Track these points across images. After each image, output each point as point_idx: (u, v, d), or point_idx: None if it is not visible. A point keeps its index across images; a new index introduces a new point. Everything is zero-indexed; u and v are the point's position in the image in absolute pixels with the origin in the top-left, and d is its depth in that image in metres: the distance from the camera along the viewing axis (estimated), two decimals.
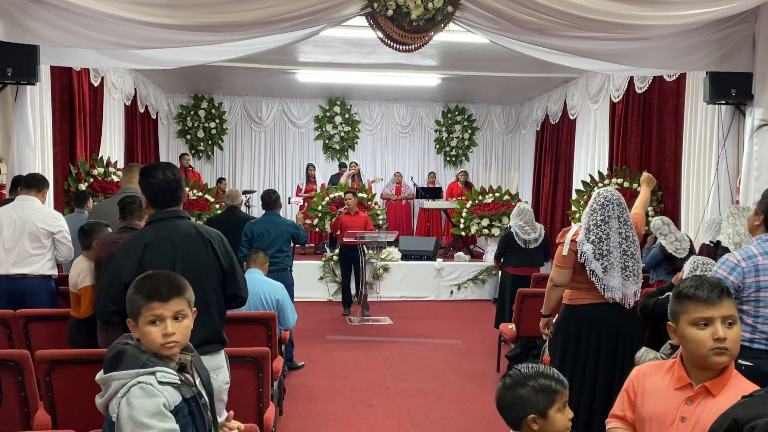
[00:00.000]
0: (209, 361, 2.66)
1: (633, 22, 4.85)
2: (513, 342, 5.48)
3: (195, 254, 2.73)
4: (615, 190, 3.60)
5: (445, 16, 4.87)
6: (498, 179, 13.27)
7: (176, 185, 2.79)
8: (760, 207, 3.00)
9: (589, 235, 3.44)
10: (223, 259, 2.79)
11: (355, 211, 8.12)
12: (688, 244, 5.27)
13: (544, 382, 1.79)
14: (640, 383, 1.96)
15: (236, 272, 2.84)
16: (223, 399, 2.78)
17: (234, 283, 2.83)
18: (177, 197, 2.82)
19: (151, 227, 2.80)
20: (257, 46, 5.51)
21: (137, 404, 1.69)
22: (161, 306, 1.83)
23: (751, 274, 2.82)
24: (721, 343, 1.76)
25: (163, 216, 2.79)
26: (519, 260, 6.54)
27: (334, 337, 7.02)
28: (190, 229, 2.78)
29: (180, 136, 12.38)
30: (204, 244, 2.76)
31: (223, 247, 2.81)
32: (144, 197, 2.84)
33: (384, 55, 8.36)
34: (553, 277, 3.56)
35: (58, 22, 4.53)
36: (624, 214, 3.49)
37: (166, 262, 2.66)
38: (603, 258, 3.42)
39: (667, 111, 7.25)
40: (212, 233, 2.83)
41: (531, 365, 1.86)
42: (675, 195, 7.03)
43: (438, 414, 4.72)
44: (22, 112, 4.95)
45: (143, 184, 2.79)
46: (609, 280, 3.42)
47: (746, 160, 5.19)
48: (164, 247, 2.72)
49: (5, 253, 4.41)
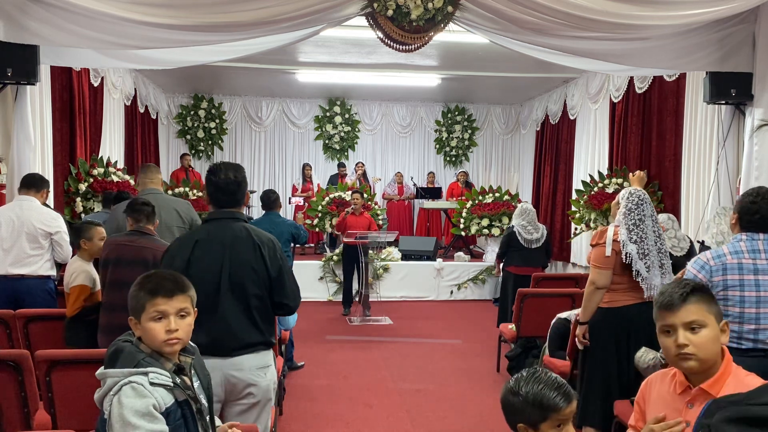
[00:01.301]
0: (255, 360, 2.73)
1: (633, 22, 4.84)
2: (513, 342, 5.48)
3: (243, 257, 2.72)
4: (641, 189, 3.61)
5: (445, 16, 4.86)
6: (498, 179, 13.27)
7: (235, 187, 2.80)
8: (736, 207, 3.02)
9: (632, 235, 3.44)
10: (270, 265, 2.75)
11: (360, 212, 8.13)
12: (686, 244, 5.27)
13: (540, 395, 1.67)
14: (648, 392, 1.96)
15: (284, 280, 2.79)
16: (271, 398, 2.82)
17: (281, 292, 2.79)
18: (235, 199, 2.83)
19: (205, 226, 2.83)
20: (257, 46, 5.51)
21: (127, 403, 1.69)
22: (165, 302, 1.84)
23: (719, 273, 2.84)
24: (681, 349, 1.77)
25: (218, 216, 2.80)
26: (521, 260, 6.54)
27: (334, 337, 7.02)
28: (242, 232, 2.77)
29: (180, 136, 12.38)
30: (253, 247, 2.74)
31: (273, 254, 2.77)
32: (205, 194, 2.88)
33: (384, 55, 8.36)
34: (594, 279, 3.48)
35: (58, 22, 4.53)
36: (654, 213, 3.54)
37: (214, 261, 2.69)
38: (645, 257, 3.43)
39: (667, 111, 7.24)
40: (264, 238, 2.80)
41: (537, 373, 1.74)
42: (675, 195, 7.02)
43: (438, 414, 4.72)
44: (22, 112, 4.95)
45: (207, 181, 2.82)
46: (652, 279, 3.44)
47: (746, 160, 5.18)
48: (214, 246, 2.73)
49: (3, 253, 4.41)
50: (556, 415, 1.67)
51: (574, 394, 1.72)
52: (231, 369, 2.67)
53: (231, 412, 2.73)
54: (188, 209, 4.57)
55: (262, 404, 2.77)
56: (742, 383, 1.76)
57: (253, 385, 2.71)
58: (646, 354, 3.33)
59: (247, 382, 2.70)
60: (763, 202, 2.90)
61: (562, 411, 1.67)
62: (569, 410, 1.69)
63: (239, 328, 2.69)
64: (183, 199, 5.25)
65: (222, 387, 2.66)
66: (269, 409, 2.87)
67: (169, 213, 4.34)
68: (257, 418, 2.77)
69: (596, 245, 3.51)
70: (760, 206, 2.90)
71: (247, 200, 2.87)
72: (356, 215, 8.12)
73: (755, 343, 2.81)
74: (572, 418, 1.73)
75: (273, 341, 2.88)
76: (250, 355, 2.72)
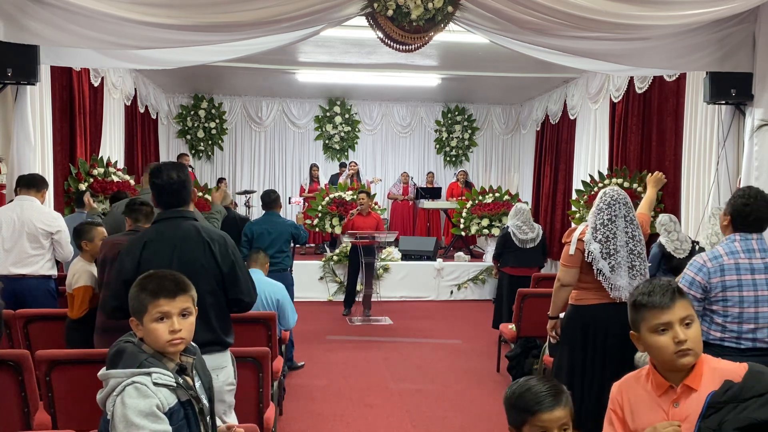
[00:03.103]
0: (209, 361, 2.67)
1: (633, 22, 4.84)
2: (513, 342, 5.48)
3: (191, 255, 2.73)
4: (621, 189, 3.60)
5: (445, 16, 4.86)
6: (498, 179, 13.28)
7: (179, 186, 2.80)
8: (728, 208, 3.01)
9: (596, 234, 3.44)
10: (222, 262, 2.75)
11: (367, 212, 8.12)
12: (688, 246, 5.26)
13: (521, 398, 1.69)
14: (624, 398, 1.94)
15: (238, 276, 2.79)
16: (224, 400, 2.75)
17: (235, 288, 2.79)
18: (181, 198, 2.83)
19: (153, 227, 2.84)
20: (257, 46, 5.51)
21: (131, 404, 1.69)
22: (168, 303, 1.84)
23: (717, 274, 2.84)
24: (683, 345, 1.77)
25: (166, 216, 2.82)
26: (516, 260, 6.55)
27: (334, 337, 7.02)
28: (191, 230, 2.78)
29: (180, 136, 12.38)
30: (202, 245, 2.75)
31: (224, 250, 2.78)
32: (152, 197, 2.89)
33: (384, 55, 8.36)
34: (560, 276, 3.55)
35: (58, 22, 4.53)
36: (630, 214, 3.49)
37: (163, 261, 2.67)
38: (610, 257, 3.41)
39: (667, 111, 7.24)
40: (214, 235, 2.81)
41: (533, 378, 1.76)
42: (675, 195, 7.02)
43: (438, 414, 4.72)
44: (22, 112, 4.95)
45: (150, 184, 2.83)
46: (616, 280, 3.42)
47: (746, 160, 5.18)
48: (162, 246, 2.73)
49: (4, 253, 4.41)
50: (534, 420, 1.66)
51: (564, 403, 1.69)
52: None
53: None
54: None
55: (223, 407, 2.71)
56: (717, 371, 1.78)
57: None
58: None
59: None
60: (755, 204, 2.91)
61: (538, 415, 1.66)
62: (548, 417, 1.66)
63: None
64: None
65: None
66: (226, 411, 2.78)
67: None
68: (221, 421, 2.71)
69: (565, 243, 3.56)
70: (753, 208, 2.90)
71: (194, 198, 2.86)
72: (363, 215, 8.11)
73: (754, 342, 2.82)
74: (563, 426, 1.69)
75: (229, 341, 2.83)
76: (203, 357, 2.69)
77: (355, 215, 8.13)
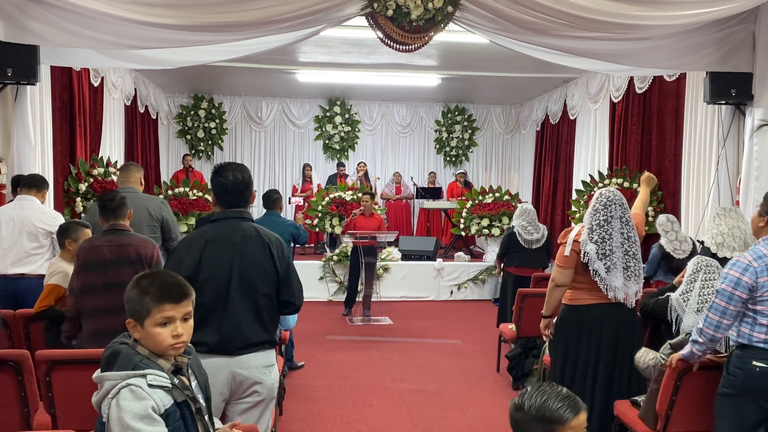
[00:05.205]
0: (260, 358, 2.75)
1: (633, 22, 4.84)
2: (513, 342, 5.48)
3: (253, 256, 2.75)
4: (616, 190, 3.61)
5: (445, 16, 4.86)
6: (498, 179, 13.28)
7: (244, 187, 2.82)
8: (764, 208, 3.01)
9: (592, 235, 3.44)
10: (279, 264, 2.78)
11: (370, 213, 8.12)
12: (688, 246, 5.26)
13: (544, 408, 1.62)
14: None
15: (291, 279, 2.82)
16: (275, 396, 2.84)
17: (288, 290, 2.82)
18: (244, 199, 2.85)
19: (213, 225, 2.84)
20: (257, 46, 5.51)
21: (126, 407, 1.68)
22: (173, 308, 1.83)
23: (764, 274, 2.78)
24: None
25: (227, 215, 2.82)
26: (521, 260, 6.55)
27: (334, 337, 7.02)
28: (251, 231, 2.79)
29: (180, 136, 12.39)
30: (263, 246, 2.77)
31: (281, 252, 2.80)
32: (212, 195, 2.90)
33: (384, 55, 8.35)
34: (555, 277, 3.56)
35: (58, 22, 4.53)
36: (626, 215, 3.50)
37: (224, 260, 2.70)
38: (606, 258, 3.42)
39: (667, 111, 7.24)
40: (272, 237, 2.82)
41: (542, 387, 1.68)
42: (675, 195, 7.03)
43: (438, 414, 4.72)
44: (22, 112, 4.95)
45: (213, 182, 2.84)
46: (612, 280, 3.43)
47: (746, 160, 5.18)
48: (224, 245, 2.74)
49: (4, 252, 4.41)
50: (562, 428, 1.62)
51: (582, 406, 1.65)
52: (237, 367, 2.69)
53: (234, 411, 2.74)
54: (159, 207, 4.55)
55: (266, 403, 2.79)
56: None
57: (258, 383, 2.73)
58: (646, 354, 3.33)
59: (253, 380, 2.72)
60: None
61: (567, 423, 1.61)
62: (576, 422, 1.63)
63: (248, 326, 2.71)
64: (156, 197, 5.14)
65: (227, 385, 2.69)
66: (271, 408, 2.89)
67: (139, 212, 4.27)
68: (260, 416, 2.78)
69: (560, 244, 3.57)
70: None
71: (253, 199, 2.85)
72: (366, 216, 8.11)
73: None
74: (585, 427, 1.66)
75: (276, 340, 2.91)
76: (256, 354, 2.74)
77: (357, 215, 8.13)
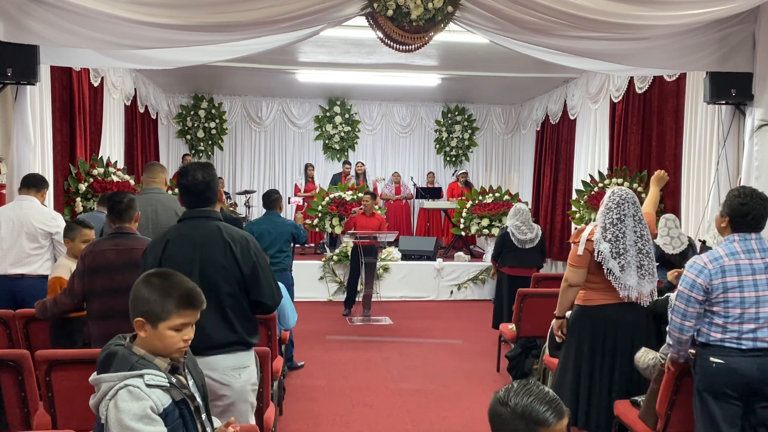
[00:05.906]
0: (229, 360, 2.71)
1: (633, 22, 4.84)
2: (513, 342, 5.48)
3: (213, 255, 2.73)
4: (629, 189, 3.59)
5: (445, 16, 4.86)
6: (498, 179, 13.27)
7: (204, 187, 2.81)
8: (725, 209, 3.00)
9: (606, 234, 3.42)
10: (243, 263, 2.74)
11: (371, 213, 8.11)
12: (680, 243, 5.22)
13: (530, 408, 1.61)
14: None
15: (259, 278, 2.77)
16: (247, 400, 2.79)
17: (256, 290, 2.77)
18: (205, 198, 2.84)
19: (177, 225, 2.86)
20: (257, 46, 5.50)
21: (124, 407, 1.68)
22: (193, 314, 1.88)
23: (718, 276, 2.84)
24: None
25: (191, 215, 2.84)
26: (515, 261, 6.55)
27: (334, 337, 7.02)
28: (214, 230, 2.78)
29: (180, 136, 12.38)
30: (224, 246, 2.74)
31: (246, 251, 2.76)
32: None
33: (384, 55, 8.35)
34: (568, 277, 3.53)
35: (58, 22, 4.52)
36: (638, 213, 3.48)
37: (184, 260, 2.69)
38: (620, 257, 3.40)
39: (667, 111, 7.24)
40: (236, 237, 2.79)
41: (529, 385, 1.66)
42: (675, 195, 7.02)
43: (438, 414, 4.72)
44: (22, 112, 4.95)
45: (177, 184, 2.88)
46: (626, 279, 3.41)
47: (746, 160, 5.18)
48: (184, 245, 2.74)
49: (3, 253, 4.42)
50: (545, 431, 1.61)
51: (566, 411, 1.66)
52: (205, 369, 2.61)
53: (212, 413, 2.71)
54: None
55: (237, 406, 2.74)
56: None
57: (225, 385, 2.70)
58: (646, 354, 3.33)
59: (220, 382, 2.69)
60: (752, 203, 2.90)
61: (551, 427, 1.61)
62: (559, 427, 1.62)
63: (212, 327, 2.66)
64: None
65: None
66: (248, 411, 2.81)
67: (167, 213, 4.25)
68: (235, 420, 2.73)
69: (573, 243, 3.55)
70: (750, 207, 2.90)
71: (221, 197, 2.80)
72: (367, 215, 8.10)
73: (755, 342, 2.83)
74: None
75: (252, 341, 2.83)
76: (224, 356, 2.70)
77: (357, 213, 8.12)
